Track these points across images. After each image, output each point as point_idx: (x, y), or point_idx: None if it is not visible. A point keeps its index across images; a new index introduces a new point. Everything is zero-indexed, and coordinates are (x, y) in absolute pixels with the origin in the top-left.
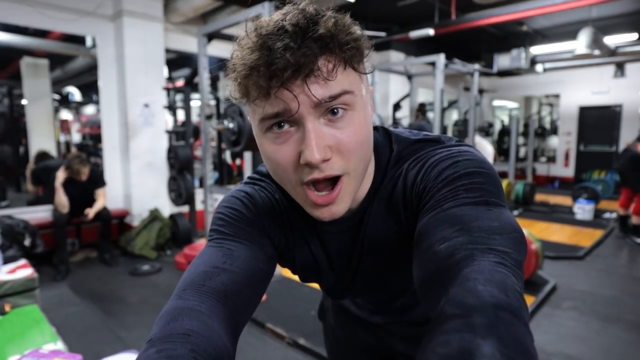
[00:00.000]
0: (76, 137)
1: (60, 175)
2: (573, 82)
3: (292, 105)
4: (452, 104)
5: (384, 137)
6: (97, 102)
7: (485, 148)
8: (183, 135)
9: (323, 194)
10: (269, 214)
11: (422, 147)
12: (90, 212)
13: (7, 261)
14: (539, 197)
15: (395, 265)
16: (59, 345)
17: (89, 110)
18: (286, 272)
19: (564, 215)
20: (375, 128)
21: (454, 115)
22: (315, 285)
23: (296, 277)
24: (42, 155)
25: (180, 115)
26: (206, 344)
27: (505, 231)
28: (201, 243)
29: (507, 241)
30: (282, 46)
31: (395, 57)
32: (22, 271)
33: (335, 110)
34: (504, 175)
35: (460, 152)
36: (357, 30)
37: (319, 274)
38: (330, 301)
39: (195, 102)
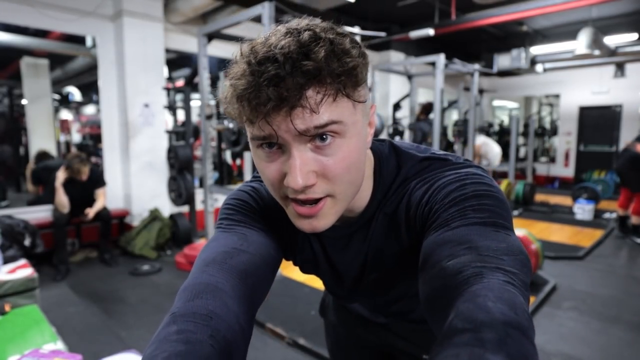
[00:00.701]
0: (76, 137)
1: (61, 175)
2: (573, 82)
3: (274, 136)
4: (452, 104)
5: (389, 151)
6: (97, 102)
7: (493, 148)
8: (183, 135)
9: (306, 206)
10: (273, 208)
11: (429, 165)
12: (91, 212)
13: (7, 261)
14: (539, 197)
15: (394, 280)
16: (59, 345)
17: (89, 110)
18: (286, 272)
19: (564, 215)
20: (382, 140)
21: (454, 115)
22: (315, 285)
23: (296, 277)
24: (42, 155)
25: (180, 115)
26: (225, 328)
27: (513, 253)
28: (201, 243)
29: (514, 262)
30: (269, 78)
31: (395, 57)
32: (22, 271)
33: (324, 137)
34: (504, 175)
35: (468, 174)
36: (355, 54)
37: (318, 270)
38: (331, 298)
39: (195, 102)
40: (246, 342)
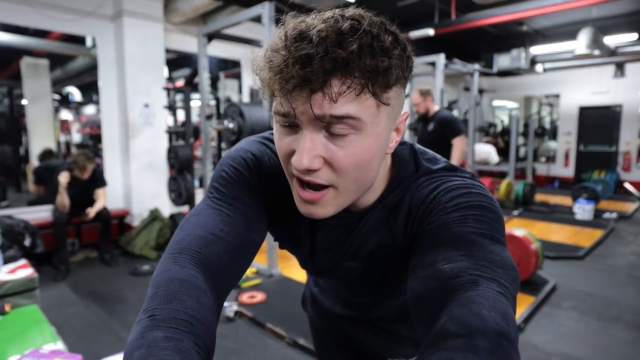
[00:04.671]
0: (76, 137)
1: (63, 180)
2: (573, 82)
3: (291, 114)
4: (452, 104)
5: (410, 157)
6: (97, 102)
7: (484, 149)
8: (183, 135)
9: (309, 191)
10: (271, 181)
11: (439, 170)
12: (91, 212)
13: (7, 261)
14: (539, 197)
15: (374, 272)
16: (59, 345)
17: (89, 110)
18: (286, 272)
19: (564, 215)
20: (403, 143)
21: None
22: None
23: (296, 277)
24: (47, 154)
25: (180, 115)
26: (204, 332)
27: (506, 267)
28: None
29: (507, 276)
30: (298, 57)
31: None
32: (22, 271)
33: (340, 127)
34: (503, 175)
35: (475, 185)
36: (394, 55)
37: (298, 249)
38: (310, 292)
39: (195, 102)
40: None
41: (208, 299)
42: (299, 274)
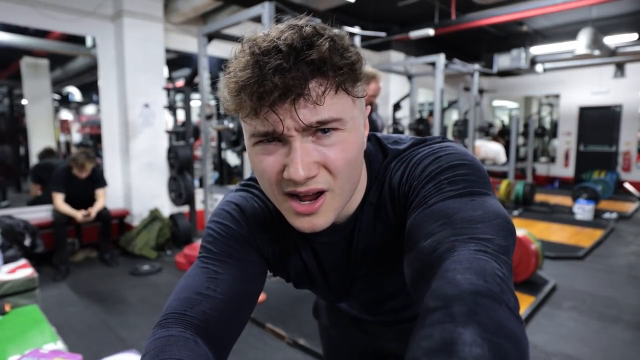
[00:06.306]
0: (76, 137)
1: (79, 216)
2: (573, 82)
3: (279, 127)
4: (452, 104)
5: (375, 147)
6: (97, 102)
7: (490, 148)
8: (183, 135)
9: (305, 203)
10: (260, 225)
11: (408, 148)
12: (92, 212)
13: (7, 261)
14: (539, 197)
15: (388, 270)
16: (59, 345)
17: (89, 110)
18: None
19: (564, 215)
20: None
21: (454, 115)
22: None
23: None
24: (48, 152)
25: (180, 115)
26: None
27: (488, 218)
28: None
29: (489, 228)
30: (273, 67)
31: (395, 57)
32: (22, 271)
33: (325, 130)
34: (504, 175)
35: (442, 147)
36: (354, 51)
37: (312, 282)
38: (323, 301)
39: (195, 102)
40: None
41: (200, 348)
42: None
